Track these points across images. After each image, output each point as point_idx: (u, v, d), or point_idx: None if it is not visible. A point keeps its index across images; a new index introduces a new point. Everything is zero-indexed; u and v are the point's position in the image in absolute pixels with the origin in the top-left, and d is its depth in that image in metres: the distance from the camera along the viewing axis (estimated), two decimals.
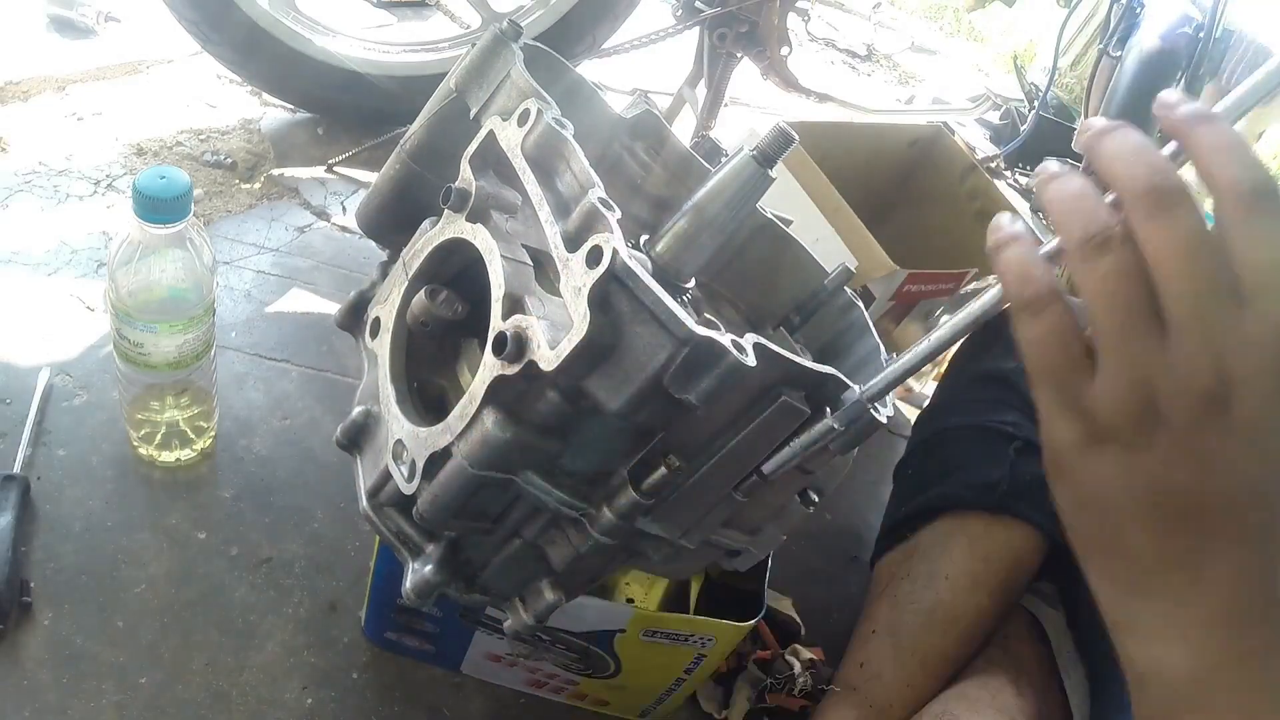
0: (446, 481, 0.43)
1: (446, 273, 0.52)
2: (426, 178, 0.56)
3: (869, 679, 0.80)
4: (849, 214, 1.07)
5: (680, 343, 0.36)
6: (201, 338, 0.79)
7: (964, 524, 0.85)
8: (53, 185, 1.13)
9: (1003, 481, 0.84)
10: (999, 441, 0.87)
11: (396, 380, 0.50)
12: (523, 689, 0.81)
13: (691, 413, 0.39)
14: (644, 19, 1.44)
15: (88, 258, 1.04)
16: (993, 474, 0.85)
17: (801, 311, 0.64)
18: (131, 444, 0.86)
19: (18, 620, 0.72)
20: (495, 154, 0.48)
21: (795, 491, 0.54)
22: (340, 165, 1.34)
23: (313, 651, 0.78)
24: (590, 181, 0.43)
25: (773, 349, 0.39)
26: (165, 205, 0.68)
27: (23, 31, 1.39)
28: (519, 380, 0.40)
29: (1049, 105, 2.05)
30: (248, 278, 1.10)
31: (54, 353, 0.92)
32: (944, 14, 3.06)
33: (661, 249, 0.47)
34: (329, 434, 0.96)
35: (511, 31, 0.52)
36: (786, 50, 1.37)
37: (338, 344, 1.06)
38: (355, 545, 0.86)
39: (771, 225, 0.62)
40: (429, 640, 0.76)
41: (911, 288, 1.09)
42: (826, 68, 2.40)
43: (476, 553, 0.49)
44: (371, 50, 1.35)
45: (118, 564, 0.78)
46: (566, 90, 0.55)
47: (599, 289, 0.37)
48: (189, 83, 1.40)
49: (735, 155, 0.46)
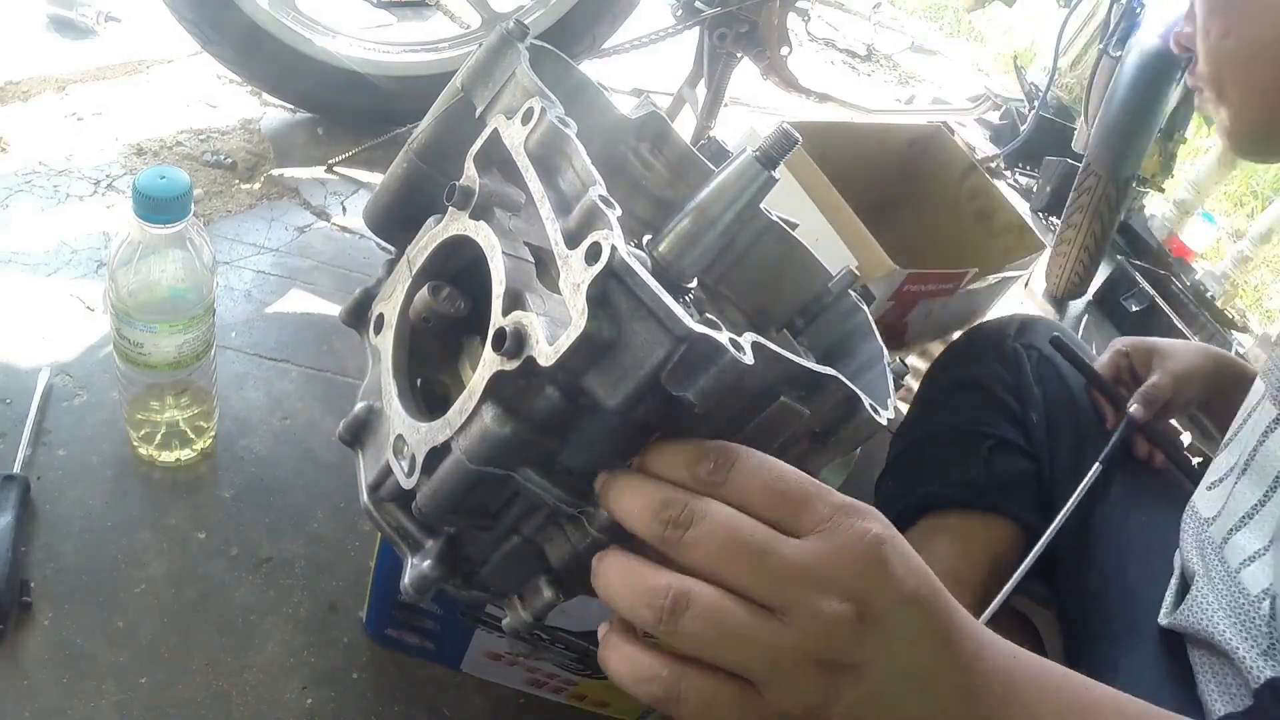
0: (445, 477, 0.43)
1: (450, 270, 0.52)
2: (433, 176, 0.57)
3: None
4: (848, 213, 1.08)
5: (678, 340, 0.36)
6: (201, 338, 0.79)
7: (944, 522, 0.86)
8: (53, 185, 1.13)
9: (979, 478, 0.85)
10: (974, 441, 0.89)
11: (398, 376, 0.50)
12: (523, 688, 0.81)
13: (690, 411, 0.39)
14: (644, 19, 1.44)
15: (88, 258, 1.04)
16: (970, 472, 0.86)
17: (805, 314, 0.64)
18: (131, 444, 0.86)
19: (18, 620, 0.72)
20: (499, 152, 0.48)
21: None
22: (340, 165, 1.34)
23: (313, 651, 0.78)
24: (591, 179, 0.43)
25: (771, 348, 0.39)
26: (165, 205, 0.68)
27: (23, 31, 1.39)
28: (518, 376, 0.40)
29: (1049, 105, 2.05)
30: (248, 278, 1.11)
31: (54, 353, 0.92)
32: (944, 14, 3.06)
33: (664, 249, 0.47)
34: (329, 434, 0.97)
35: (517, 31, 0.52)
36: (786, 50, 1.37)
37: (338, 344, 1.06)
38: (355, 545, 0.86)
39: (776, 227, 0.62)
40: (429, 638, 0.76)
41: (911, 288, 1.10)
42: (826, 68, 2.41)
43: (475, 549, 0.49)
44: (371, 50, 1.35)
45: (118, 564, 0.78)
46: (571, 90, 0.55)
47: (598, 285, 0.37)
48: (189, 83, 1.40)
49: (738, 156, 0.46)
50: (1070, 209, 1.68)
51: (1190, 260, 2.01)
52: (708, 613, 0.35)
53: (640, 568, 0.37)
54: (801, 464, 0.50)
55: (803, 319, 0.64)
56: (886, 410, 0.47)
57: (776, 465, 0.37)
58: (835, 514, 0.36)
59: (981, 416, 0.90)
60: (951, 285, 1.15)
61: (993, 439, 0.88)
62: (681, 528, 0.36)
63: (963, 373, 0.96)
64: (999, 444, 0.87)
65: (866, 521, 0.37)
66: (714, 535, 0.35)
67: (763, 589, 0.35)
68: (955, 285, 1.16)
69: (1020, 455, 0.88)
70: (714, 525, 0.36)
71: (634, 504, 0.37)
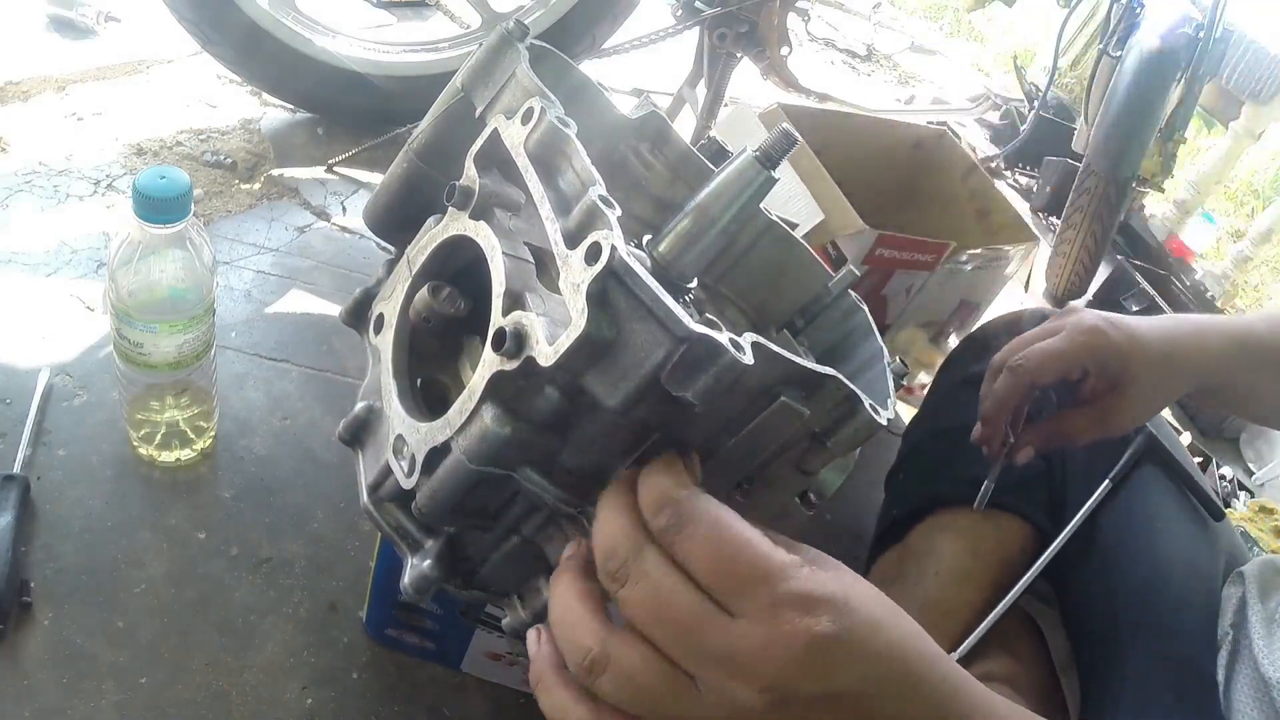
0: (445, 477, 0.43)
1: (450, 270, 0.52)
2: (433, 176, 0.57)
3: None
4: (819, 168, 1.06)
5: (678, 340, 0.36)
6: (201, 338, 0.79)
7: (953, 520, 0.85)
8: (53, 185, 1.13)
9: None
10: None
11: (398, 376, 0.50)
12: (522, 689, 0.80)
13: (690, 411, 0.39)
14: (644, 19, 1.44)
15: (88, 258, 1.04)
16: (979, 469, 0.85)
17: (805, 314, 0.64)
18: (131, 444, 0.86)
19: (18, 620, 0.72)
20: (500, 152, 0.48)
21: (795, 493, 0.54)
22: (340, 165, 1.34)
23: (313, 651, 0.78)
24: (591, 179, 0.43)
25: (771, 348, 0.39)
26: (165, 205, 0.68)
27: (23, 31, 1.39)
28: (518, 376, 0.40)
29: (1049, 105, 2.05)
30: (248, 278, 1.11)
31: (54, 353, 0.92)
32: (944, 14, 3.06)
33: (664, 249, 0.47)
34: (329, 434, 0.97)
35: (518, 31, 0.52)
36: (786, 50, 1.37)
37: (337, 344, 1.06)
38: (355, 545, 0.86)
39: (776, 227, 0.62)
40: (429, 638, 0.76)
41: (884, 252, 1.07)
42: (826, 68, 2.41)
43: (475, 549, 0.49)
44: (371, 50, 1.35)
45: (118, 564, 0.78)
46: (572, 90, 0.55)
47: (597, 285, 0.37)
48: (189, 83, 1.40)
49: (738, 156, 0.46)
50: (1070, 209, 1.68)
51: (1190, 260, 2.01)
52: (622, 677, 0.36)
53: (575, 613, 0.38)
54: (801, 464, 0.50)
55: (802, 319, 0.64)
56: (887, 410, 0.47)
57: (734, 534, 0.36)
58: (779, 604, 0.35)
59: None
60: (930, 257, 1.13)
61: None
62: (619, 583, 0.36)
63: (973, 370, 0.96)
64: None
65: (812, 617, 0.35)
66: (644, 601, 0.36)
67: (683, 661, 0.36)
68: (935, 257, 1.14)
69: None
70: (646, 590, 0.36)
71: (595, 538, 0.38)
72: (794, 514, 0.55)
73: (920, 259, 1.13)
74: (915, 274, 1.15)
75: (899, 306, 1.21)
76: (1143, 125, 1.51)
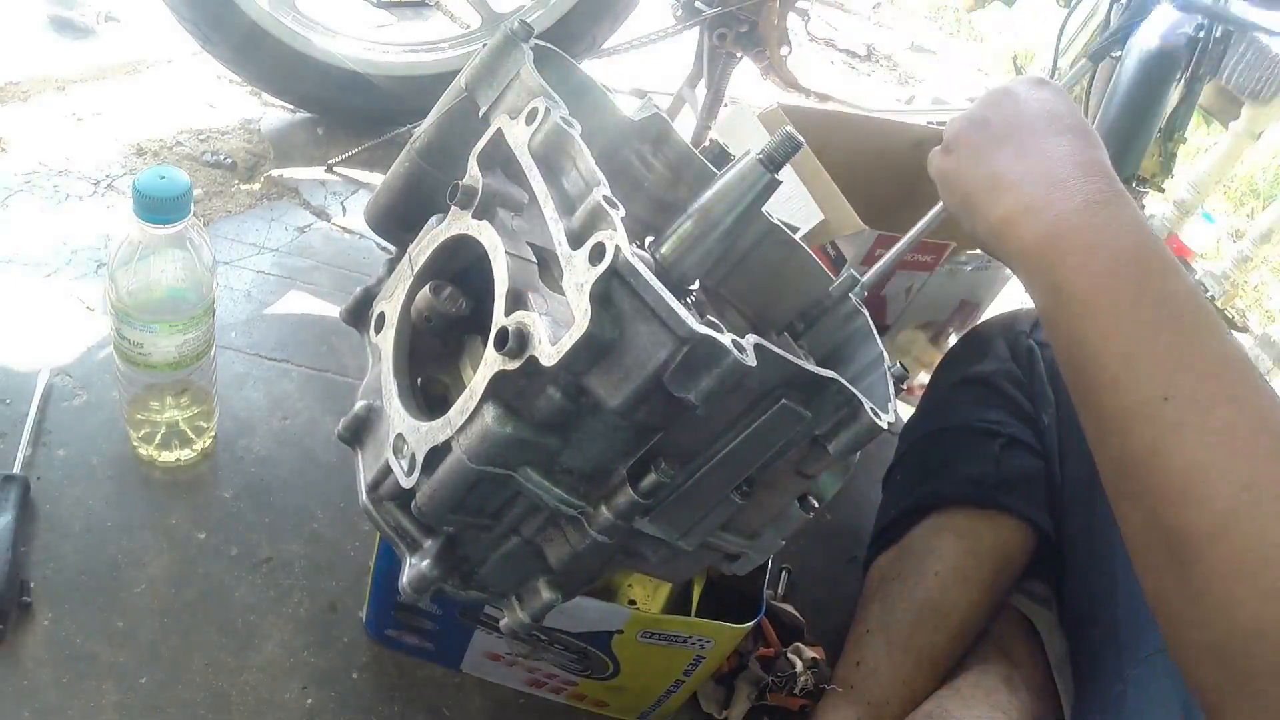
0: (445, 476, 0.43)
1: (451, 269, 0.52)
2: (436, 175, 0.57)
3: (865, 677, 0.80)
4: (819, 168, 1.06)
5: (681, 341, 0.36)
6: (201, 338, 0.79)
7: (951, 520, 0.85)
8: (53, 185, 1.13)
9: (989, 476, 0.85)
10: (984, 439, 0.88)
11: (399, 375, 0.50)
12: (522, 689, 0.80)
13: (691, 413, 0.39)
14: (644, 19, 1.44)
15: (88, 258, 1.04)
16: (978, 469, 0.85)
17: (805, 318, 0.64)
18: (131, 444, 0.86)
19: (18, 620, 0.72)
20: (503, 152, 0.48)
21: (795, 496, 0.54)
22: (340, 165, 1.34)
23: (313, 651, 0.78)
24: (595, 179, 0.43)
25: (773, 350, 0.39)
26: (165, 205, 0.68)
27: (23, 31, 1.39)
28: (520, 376, 0.40)
29: None
30: (248, 278, 1.10)
31: (54, 353, 0.92)
32: (944, 14, 3.06)
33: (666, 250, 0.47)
34: (329, 434, 0.97)
35: (522, 31, 0.52)
36: (786, 50, 1.37)
37: (338, 344, 1.06)
38: (355, 545, 0.86)
39: (778, 231, 0.62)
40: (429, 638, 0.76)
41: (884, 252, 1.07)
42: (826, 68, 2.40)
43: (474, 549, 0.49)
44: (371, 50, 1.35)
45: (118, 564, 0.78)
46: (575, 90, 0.55)
47: (601, 286, 0.37)
48: (189, 83, 1.40)
49: (742, 158, 0.46)
50: None
51: (1190, 260, 2.01)
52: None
53: None
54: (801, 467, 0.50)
55: (803, 323, 0.64)
56: (887, 414, 0.47)
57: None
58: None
59: (990, 413, 0.90)
60: (930, 258, 1.13)
61: (1003, 437, 0.87)
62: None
63: (970, 370, 0.96)
64: (1009, 442, 0.86)
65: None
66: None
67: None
68: (935, 258, 1.14)
69: (1030, 454, 0.87)
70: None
71: None
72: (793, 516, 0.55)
73: (920, 259, 1.13)
74: (915, 274, 1.15)
75: (899, 307, 1.21)
76: (1143, 125, 1.51)
